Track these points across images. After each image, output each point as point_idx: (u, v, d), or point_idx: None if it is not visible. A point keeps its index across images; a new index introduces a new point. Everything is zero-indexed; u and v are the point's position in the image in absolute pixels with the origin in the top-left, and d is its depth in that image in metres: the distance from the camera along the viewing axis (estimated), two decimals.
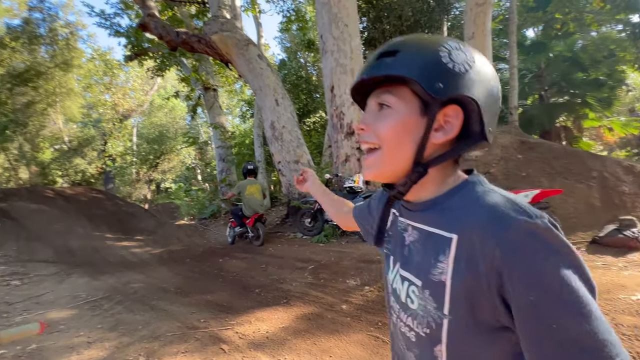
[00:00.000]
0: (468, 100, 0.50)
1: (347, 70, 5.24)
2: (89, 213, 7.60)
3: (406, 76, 0.50)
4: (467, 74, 0.50)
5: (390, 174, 0.56)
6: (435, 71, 0.50)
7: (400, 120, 0.53)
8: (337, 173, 5.37)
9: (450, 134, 0.52)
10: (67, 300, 3.73)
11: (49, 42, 14.43)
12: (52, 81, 14.09)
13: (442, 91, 0.49)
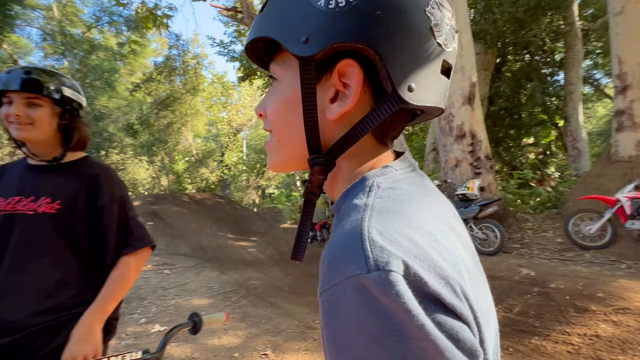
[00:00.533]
0: (361, 48, 0.34)
1: (456, 69, 4.89)
2: (214, 215, 8.82)
3: (266, 36, 0.37)
4: (350, 9, 0.33)
5: (284, 163, 0.43)
6: (297, 18, 0.35)
7: (285, 94, 0.39)
8: (446, 179, 5.03)
9: (346, 104, 0.36)
10: (204, 290, 4.38)
11: (182, 73, 17.43)
12: (185, 104, 16.94)
13: (309, 45, 0.34)
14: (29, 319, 0.96)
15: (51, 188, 1.06)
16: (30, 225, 1.01)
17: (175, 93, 16.66)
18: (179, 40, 17.54)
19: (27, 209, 1.02)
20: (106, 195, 1.10)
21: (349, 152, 0.38)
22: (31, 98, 1.03)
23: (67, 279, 1.03)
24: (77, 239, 1.06)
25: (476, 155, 4.86)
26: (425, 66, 0.35)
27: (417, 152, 9.19)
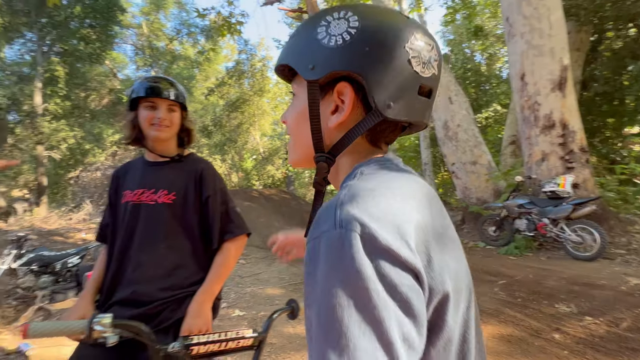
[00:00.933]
0: (353, 74, 0.45)
1: (543, 51, 4.38)
2: (281, 210, 9.23)
3: (284, 63, 0.50)
4: (346, 45, 0.45)
5: (299, 160, 0.55)
6: (307, 51, 0.47)
7: (300, 107, 0.51)
8: (530, 175, 4.55)
9: (342, 115, 0.47)
10: (276, 280, 4.61)
11: (250, 75, 18.50)
12: (253, 105, 17.94)
13: (315, 72, 0.46)
14: (156, 294, 1.10)
15: (167, 181, 1.20)
16: (152, 213, 1.16)
17: (244, 95, 17.75)
18: (247, 45, 18.70)
19: (149, 199, 1.17)
20: (210, 187, 1.23)
21: (347, 153, 0.49)
22: (171, 105, 1.20)
23: (182, 261, 1.17)
24: (190, 226, 1.19)
25: (568, 148, 4.30)
26: (402, 89, 0.45)
27: (492, 146, 8.48)
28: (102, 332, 0.78)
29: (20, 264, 4.07)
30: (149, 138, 1.21)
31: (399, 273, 0.34)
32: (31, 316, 3.62)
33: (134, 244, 1.15)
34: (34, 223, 7.93)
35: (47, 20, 10.94)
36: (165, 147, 1.25)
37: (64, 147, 11.22)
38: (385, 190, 0.40)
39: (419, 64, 0.45)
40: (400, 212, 0.38)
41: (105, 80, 15.72)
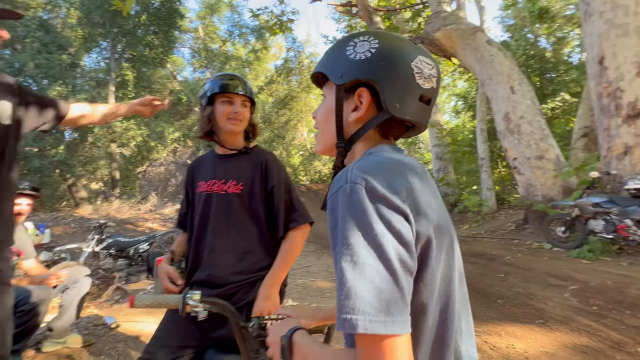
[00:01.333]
0: (370, 82, 0.59)
1: (628, 31, 3.86)
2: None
3: (319, 71, 0.66)
4: (367, 60, 0.60)
5: (324, 149, 0.68)
6: (338, 63, 0.62)
7: (328, 105, 0.65)
8: (608, 170, 4.07)
9: (360, 112, 0.61)
10: (325, 274, 4.67)
11: (298, 72, 18.82)
12: (300, 102, 18.24)
13: (342, 78, 0.61)
14: (229, 277, 1.19)
15: (236, 172, 1.27)
16: (223, 203, 1.24)
17: (292, 92, 18.11)
18: (295, 43, 19.02)
19: (220, 189, 1.25)
20: (275, 178, 1.28)
21: (361, 141, 0.63)
22: (245, 100, 1.28)
23: (251, 247, 1.23)
24: (257, 214, 1.25)
25: None
26: (407, 95, 0.59)
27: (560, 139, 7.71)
28: (194, 306, 0.86)
29: (101, 247, 4.59)
30: (224, 131, 1.28)
31: (392, 214, 0.48)
32: (111, 294, 4.08)
33: (207, 231, 1.24)
34: (109, 212, 8.88)
35: (119, 30, 12.09)
36: (235, 140, 1.32)
37: (132, 145, 12.38)
38: (384, 161, 0.55)
39: (420, 78, 0.59)
40: (393, 174, 0.52)
41: (167, 82, 17.00)
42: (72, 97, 9.67)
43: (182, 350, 1.12)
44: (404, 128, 0.66)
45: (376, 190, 0.48)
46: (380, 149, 0.61)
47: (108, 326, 2.72)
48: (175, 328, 1.16)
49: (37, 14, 10.75)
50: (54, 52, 9.76)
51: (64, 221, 7.15)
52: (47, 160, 8.95)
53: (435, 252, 0.51)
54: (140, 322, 2.81)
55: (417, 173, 0.56)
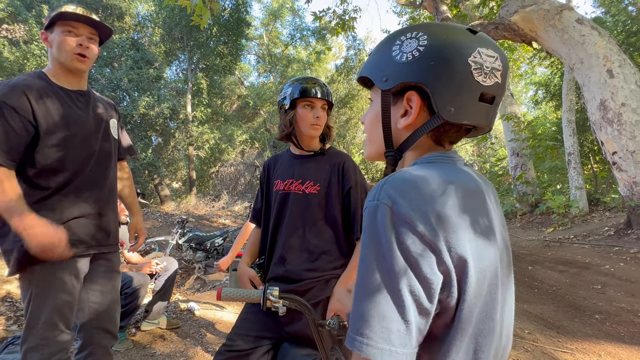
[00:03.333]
0: (419, 84, 0.53)
1: None
2: None
3: (364, 75, 0.61)
4: (415, 60, 0.53)
5: (372, 155, 0.64)
6: (382, 66, 0.57)
7: (375, 111, 0.61)
8: None
9: (410, 118, 0.55)
10: None
11: (358, 70, 18.67)
12: (361, 100, 18.11)
13: (388, 83, 0.56)
14: (304, 273, 1.22)
15: (313, 173, 1.30)
16: (300, 202, 1.27)
17: (353, 91, 18.08)
18: (355, 41, 18.92)
19: (298, 189, 1.29)
20: (352, 179, 1.28)
21: (412, 149, 0.58)
22: (324, 104, 1.31)
23: (325, 247, 1.25)
24: (333, 215, 1.26)
25: None
26: (464, 96, 0.52)
27: None
28: (275, 302, 0.90)
29: (183, 240, 5.09)
30: (305, 135, 1.32)
31: (415, 242, 0.43)
32: (192, 283, 4.50)
33: (282, 228, 1.29)
34: (188, 209, 9.82)
35: (194, 43, 13.29)
36: (312, 142, 1.35)
37: (206, 147, 13.51)
38: (424, 177, 0.49)
39: (480, 75, 0.52)
40: (427, 196, 0.46)
41: (235, 88, 18.22)
42: (157, 107, 10.89)
43: (260, 341, 1.19)
44: (463, 131, 0.58)
45: (402, 213, 0.44)
46: (429, 159, 0.56)
47: (192, 312, 3.00)
48: (254, 319, 1.23)
49: (129, 35, 12.33)
50: (143, 67, 11.09)
51: (152, 216, 8.09)
52: (139, 163, 10.22)
53: (475, 287, 0.46)
54: (220, 311, 3.05)
55: (465, 194, 0.50)
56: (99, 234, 1.31)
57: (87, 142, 1.30)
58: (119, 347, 2.29)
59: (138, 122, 11.28)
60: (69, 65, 1.28)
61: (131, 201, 1.59)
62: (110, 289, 1.36)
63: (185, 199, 12.88)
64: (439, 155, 0.57)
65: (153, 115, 10.98)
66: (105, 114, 1.42)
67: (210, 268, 4.83)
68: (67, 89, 1.31)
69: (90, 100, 1.37)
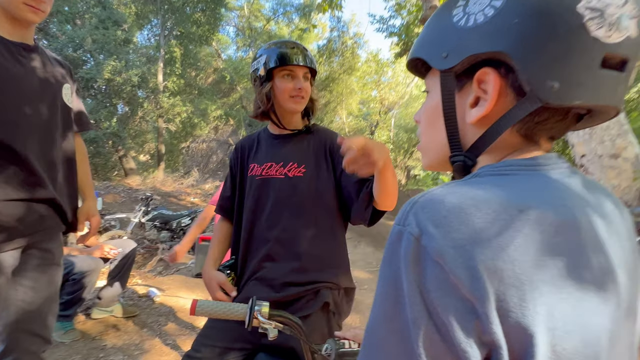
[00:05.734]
0: (497, 55, 0.37)
1: None
2: None
3: (416, 56, 0.45)
4: (488, 21, 0.37)
5: (433, 164, 0.49)
6: (440, 38, 0.42)
7: (432, 103, 0.46)
8: None
9: (485, 108, 0.39)
10: (363, 264, 4.54)
11: (340, 53, 18.29)
12: (341, 84, 17.82)
13: (448, 60, 0.40)
14: (290, 276, 1.05)
15: (296, 154, 1.12)
16: (283, 187, 1.09)
17: (334, 74, 17.70)
18: (339, 22, 18.39)
19: (279, 173, 1.11)
20: None
21: (490, 150, 0.41)
22: (307, 72, 1.11)
23: (316, 242, 1.08)
24: (325, 202, 1.10)
25: None
26: (574, 63, 0.35)
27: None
28: (264, 323, 0.74)
29: (147, 219, 4.77)
30: (286, 110, 1.13)
31: (445, 293, 0.30)
32: (154, 265, 4.24)
33: (261, 221, 1.11)
34: (155, 185, 9.32)
35: (168, 7, 12.33)
36: (295, 119, 1.17)
37: (177, 121, 12.81)
38: (477, 198, 0.33)
39: (601, 26, 0.34)
40: (480, 229, 0.31)
41: (212, 61, 17.28)
42: (125, 73, 10.08)
43: (229, 353, 1.03)
44: (571, 118, 0.40)
45: (433, 248, 0.31)
46: (496, 169, 0.38)
47: (151, 298, 2.79)
48: (223, 327, 1.05)
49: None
50: (110, 27, 10.16)
51: (115, 190, 7.59)
52: (102, 132, 9.50)
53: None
54: (182, 298, 2.86)
55: (553, 226, 0.32)
56: (30, 218, 1.08)
57: (24, 106, 1.06)
58: (65, 338, 2.06)
59: (103, 89, 10.43)
60: (15, 13, 1.03)
61: (83, 182, 1.35)
62: (45, 284, 1.15)
63: (153, 173, 12.25)
64: (518, 162, 0.39)
65: (120, 82, 10.16)
66: (57, 76, 1.17)
67: None
68: (7, 39, 1.06)
69: (37, 58, 1.12)
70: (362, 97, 20.57)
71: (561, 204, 0.34)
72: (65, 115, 1.20)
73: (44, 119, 1.11)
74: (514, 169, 0.38)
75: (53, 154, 1.14)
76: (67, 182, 1.22)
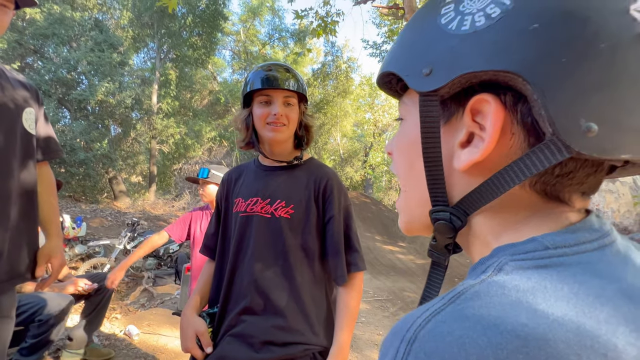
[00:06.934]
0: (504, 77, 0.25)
1: None
2: (361, 215, 8.92)
3: (387, 71, 0.33)
4: (491, 27, 0.25)
5: (410, 223, 0.36)
6: (422, 47, 0.29)
7: (408, 135, 0.34)
8: None
9: (480, 150, 0.27)
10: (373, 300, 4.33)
11: (334, 77, 18.63)
12: (335, 107, 18.04)
13: (432, 78, 0.28)
14: (272, 333, 0.93)
15: (285, 191, 1.00)
16: (267, 228, 0.98)
17: (328, 96, 17.95)
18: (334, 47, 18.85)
19: (264, 211, 0.99)
20: (335, 206, 1.00)
21: (496, 210, 0.29)
22: (288, 96, 1.00)
23: (300, 290, 0.97)
24: (309, 248, 0.99)
25: None
26: (624, 95, 0.23)
27: None
28: None
29: (132, 245, 4.54)
30: (265, 140, 1.02)
31: None
32: (138, 295, 3.99)
33: (243, 265, 0.98)
34: (144, 207, 9.07)
35: (165, 31, 12.52)
36: (282, 149, 1.05)
37: (171, 142, 12.71)
38: (529, 334, 0.19)
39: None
40: None
41: (207, 83, 17.45)
42: (119, 94, 10.05)
43: None
44: (605, 169, 0.28)
45: None
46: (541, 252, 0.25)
47: (131, 337, 2.56)
48: None
49: (93, 15, 11.35)
50: (106, 50, 10.21)
51: (102, 214, 7.34)
52: (92, 154, 9.32)
53: None
54: (164, 336, 2.63)
55: None
56: None
57: None
58: None
59: (95, 110, 10.35)
60: None
61: (47, 217, 1.19)
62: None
63: (143, 195, 11.98)
64: (555, 241, 0.25)
65: (113, 103, 10.11)
66: (17, 100, 1.05)
67: (161, 279, 4.35)
68: None
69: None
70: (356, 119, 20.81)
71: None
72: (25, 143, 1.07)
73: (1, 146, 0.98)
74: (557, 254, 0.24)
75: (8, 186, 1.00)
76: (26, 218, 1.07)
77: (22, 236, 1.05)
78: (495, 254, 0.26)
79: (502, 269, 0.24)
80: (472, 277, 0.26)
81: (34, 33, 9.54)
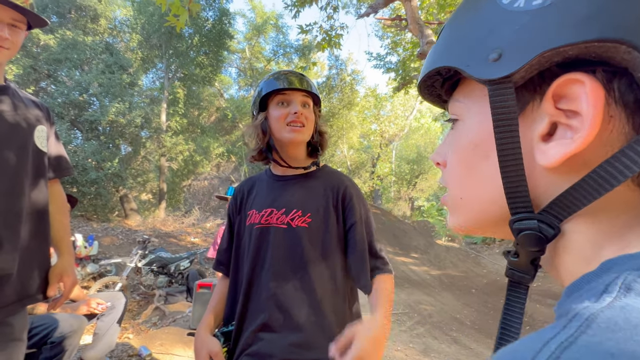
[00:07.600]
0: (600, 49, 0.21)
1: None
2: None
3: (440, 66, 0.29)
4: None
5: (477, 229, 0.31)
6: (484, 33, 0.26)
7: (470, 136, 0.29)
8: None
9: (576, 142, 0.23)
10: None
11: (339, 90, 18.80)
12: (341, 119, 18.13)
13: (502, 64, 0.24)
14: (289, 352, 0.88)
15: (301, 199, 0.97)
16: (285, 239, 0.94)
17: (334, 109, 18.08)
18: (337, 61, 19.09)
19: (280, 222, 0.95)
20: (357, 213, 0.96)
21: (589, 212, 0.24)
22: (306, 97, 0.98)
23: (322, 308, 0.91)
24: (330, 257, 0.94)
25: None
26: None
27: None
28: None
29: (144, 263, 4.53)
30: (284, 142, 0.99)
31: None
32: (149, 314, 3.94)
33: (260, 279, 0.94)
34: (155, 225, 9.11)
35: (173, 51, 12.85)
36: (298, 153, 1.02)
37: (180, 159, 12.86)
38: None
39: None
40: None
41: (214, 100, 17.75)
42: (129, 114, 10.25)
43: None
44: None
45: None
46: None
47: (142, 358, 2.50)
48: None
49: (104, 38, 11.73)
50: (116, 72, 10.50)
51: (113, 232, 7.38)
52: (103, 173, 9.46)
53: None
54: (176, 356, 2.57)
55: None
56: None
57: None
58: None
59: (106, 130, 10.56)
60: None
61: (58, 235, 1.18)
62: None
63: (154, 212, 12.06)
64: None
65: (123, 123, 10.31)
66: (30, 118, 1.05)
67: (172, 297, 4.29)
68: None
69: (6, 100, 1.01)
70: (363, 131, 20.86)
71: None
72: (37, 161, 1.06)
73: (11, 165, 0.96)
74: None
75: (20, 204, 0.99)
76: (37, 237, 1.05)
77: (34, 255, 1.03)
78: (610, 269, 0.21)
79: (632, 287, 0.19)
80: (584, 297, 0.20)
81: (48, 58, 9.86)
